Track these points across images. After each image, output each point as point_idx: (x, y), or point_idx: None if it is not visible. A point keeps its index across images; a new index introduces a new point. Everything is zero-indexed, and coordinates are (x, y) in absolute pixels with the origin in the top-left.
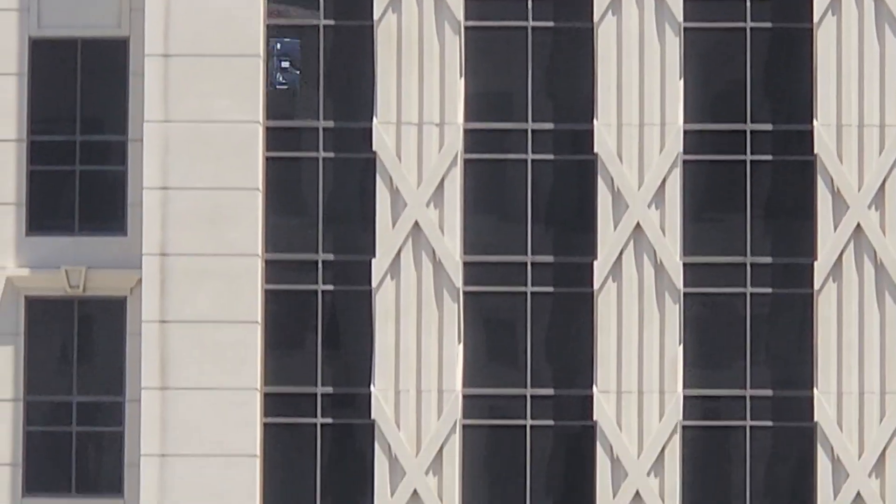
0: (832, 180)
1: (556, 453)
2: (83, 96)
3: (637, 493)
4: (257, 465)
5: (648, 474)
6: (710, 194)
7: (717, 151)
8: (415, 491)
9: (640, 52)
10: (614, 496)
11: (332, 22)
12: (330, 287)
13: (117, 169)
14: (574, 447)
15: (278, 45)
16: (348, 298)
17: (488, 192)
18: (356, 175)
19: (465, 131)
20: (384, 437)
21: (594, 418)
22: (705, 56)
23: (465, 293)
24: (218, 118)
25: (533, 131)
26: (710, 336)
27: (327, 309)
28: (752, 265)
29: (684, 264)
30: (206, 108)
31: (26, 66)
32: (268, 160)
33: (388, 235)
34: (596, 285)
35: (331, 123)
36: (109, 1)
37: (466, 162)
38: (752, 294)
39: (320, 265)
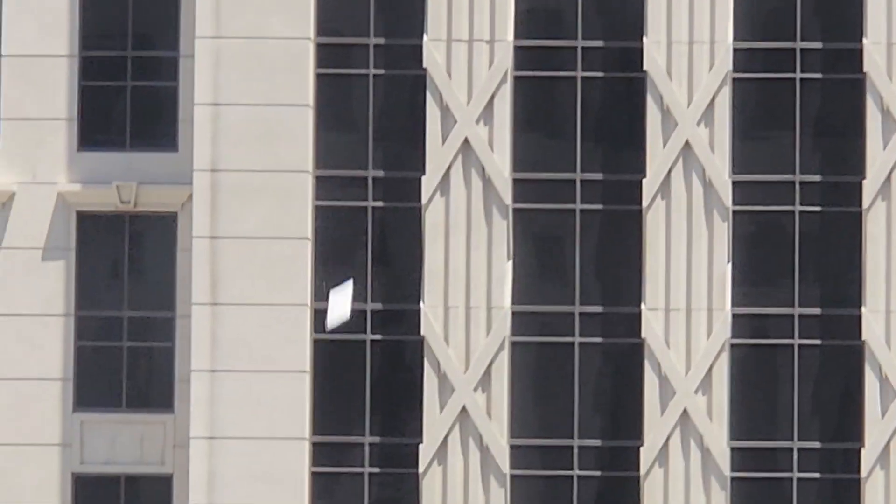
0: (881, 98)
1: (603, 370)
2: (135, 12)
3: (685, 410)
4: (307, 380)
5: (696, 392)
6: (759, 112)
7: (767, 69)
8: (463, 407)
9: None
10: (662, 413)
11: None
12: (380, 203)
13: (168, 85)
14: (622, 365)
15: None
16: (398, 215)
17: (538, 110)
18: (406, 92)
19: (515, 48)
20: (433, 353)
21: (642, 336)
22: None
23: (514, 210)
24: (269, 34)
25: (583, 48)
26: (758, 254)
27: (377, 225)
28: (801, 183)
29: (733, 182)
30: (257, 25)
31: None
32: (318, 76)
33: (437, 152)
34: (644, 203)
35: (381, 40)
36: None
37: (516, 79)
38: (800, 212)
39: (370, 182)
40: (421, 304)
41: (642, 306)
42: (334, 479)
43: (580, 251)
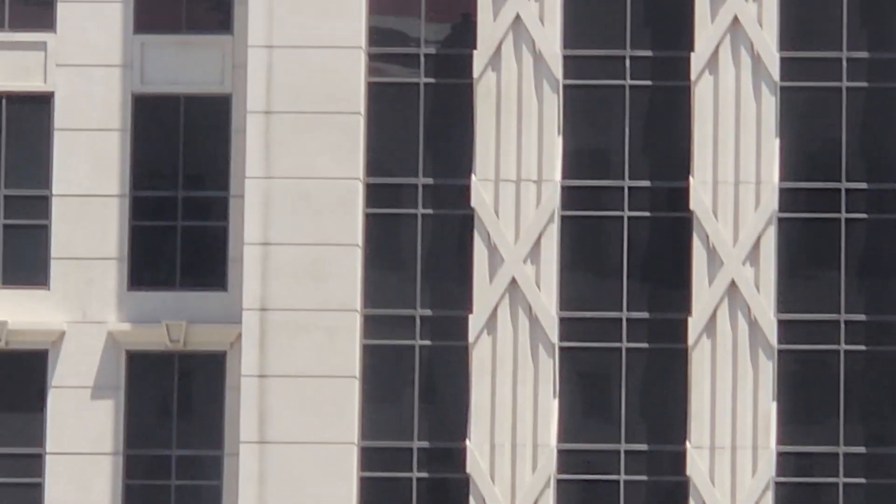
0: None
1: None
2: (185, 152)
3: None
4: None
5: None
6: (804, 252)
7: (812, 209)
8: None
9: (736, 110)
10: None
11: (432, 79)
12: (427, 342)
13: (218, 224)
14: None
15: None
16: (445, 353)
17: (584, 249)
18: (454, 231)
19: (563, 188)
20: (479, 491)
21: (687, 474)
22: (801, 114)
23: (560, 348)
24: (319, 174)
25: (629, 188)
26: (803, 392)
27: (424, 363)
28: (846, 322)
29: (778, 321)
30: (306, 165)
31: (129, 122)
32: (367, 216)
33: (485, 291)
34: (690, 342)
35: (430, 180)
36: (212, 57)
37: (563, 218)
38: (845, 351)
39: (418, 320)
40: (467, 441)
41: (687, 444)
42: None
43: (626, 389)
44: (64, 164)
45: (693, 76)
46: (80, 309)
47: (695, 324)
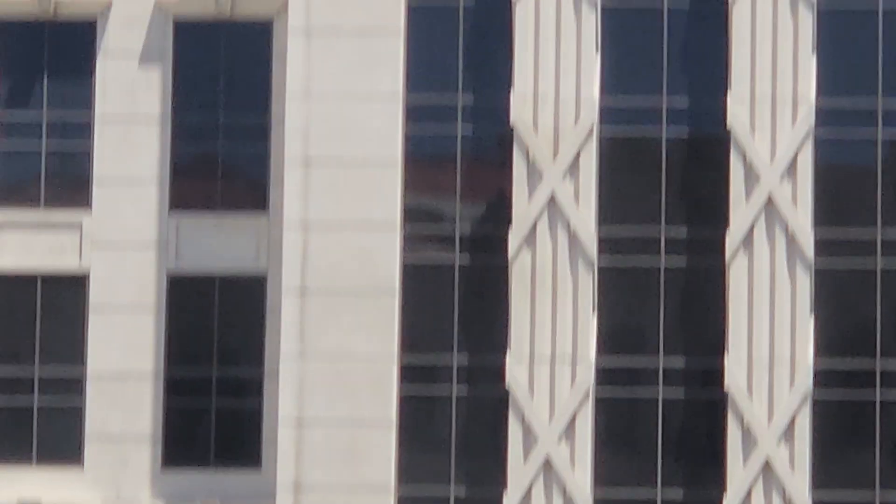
0: None
1: None
2: (220, 331)
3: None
4: None
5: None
6: (837, 432)
7: (847, 386)
8: None
9: (770, 289)
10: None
11: (467, 258)
12: None
13: (253, 404)
14: None
15: None
16: None
17: (618, 427)
18: (488, 410)
19: (597, 369)
20: None
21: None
22: (835, 294)
23: None
24: (353, 353)
25: (664, 369)
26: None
27: None
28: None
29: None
30: (342, 344)
31: (164, 302)
32: (402, 397)
33: (519, 471)
34: None
35: (465, 361)
36: (247, 236)
37: (598, 400)
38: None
39: (452, 500)
40: None
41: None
42: None
43: None
44: (98, 344)
45: (728, 255)
46: (114, 488)
47: (730, 502)
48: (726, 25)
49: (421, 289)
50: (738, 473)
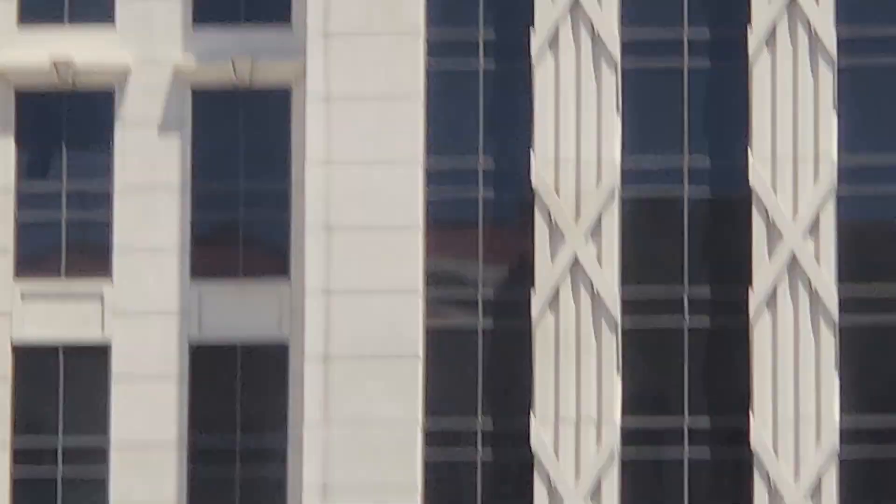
0: None
1: None
2: (243, 399)
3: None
4: None
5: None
6: (865, 490)
7: (874, 443)
8: None
9: (795, 347)
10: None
11: (490, 322)
12: None
13: (277, 471)
14: None
15: None
16: None
17: (645, 489)
18: (514, 473)
19: (622, 429)
20: None
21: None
22: (860, 351)
23: None
24: (378, 419)
25: (689, 429)
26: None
27: None
28: None
29: None
30: (365, 409)
31: (187, 371)
32: (426, 463)
33: None
34: None
35: (489, 424)
36: (269, 302)
37: (623, 459)
38: None
39: None
40: None
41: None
42: None
43: None
44: (121, 413)
45: (752, 314)
46: None
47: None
48: (747, 84)
49: (444, 353)
50: None
